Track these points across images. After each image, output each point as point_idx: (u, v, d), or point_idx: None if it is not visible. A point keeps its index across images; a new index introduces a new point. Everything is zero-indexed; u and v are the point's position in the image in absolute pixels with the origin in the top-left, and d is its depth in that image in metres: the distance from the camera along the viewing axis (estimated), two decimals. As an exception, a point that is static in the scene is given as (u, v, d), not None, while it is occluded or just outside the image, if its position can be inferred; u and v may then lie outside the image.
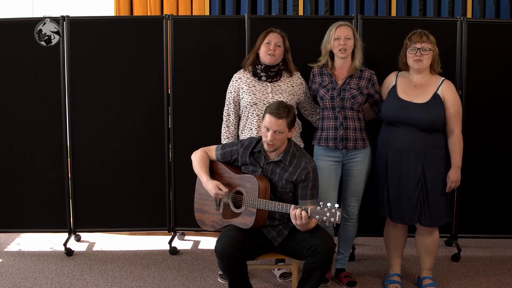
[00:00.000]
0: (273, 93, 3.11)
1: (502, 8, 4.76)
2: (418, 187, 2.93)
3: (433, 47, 2.94)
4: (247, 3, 4.88)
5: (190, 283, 3.21)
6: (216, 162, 2.89)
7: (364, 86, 3.06)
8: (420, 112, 2.89)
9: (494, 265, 3.51)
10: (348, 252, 3.26)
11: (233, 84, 3.20)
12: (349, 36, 3.01)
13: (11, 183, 3.71)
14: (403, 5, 4.80)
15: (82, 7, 5.00)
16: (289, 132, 2.73)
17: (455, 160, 2.95)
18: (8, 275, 3.32)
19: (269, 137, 2.66)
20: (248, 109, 3.13)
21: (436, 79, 2.99)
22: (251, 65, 3.16)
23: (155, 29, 3.59)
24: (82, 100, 3.63)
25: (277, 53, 3.09)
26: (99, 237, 4.03)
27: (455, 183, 2.97)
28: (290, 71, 3.17)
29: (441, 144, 2.95)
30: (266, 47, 3.09)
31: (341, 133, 3.01)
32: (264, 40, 3.11)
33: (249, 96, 3.11)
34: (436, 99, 2.91)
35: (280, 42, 3.11)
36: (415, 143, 2.91)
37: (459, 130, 2.96)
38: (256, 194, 2.65)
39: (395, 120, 2.96)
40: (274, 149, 2.71)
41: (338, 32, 3.01)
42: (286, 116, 2.68)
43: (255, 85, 3.14)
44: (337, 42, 3.01)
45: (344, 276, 3.19)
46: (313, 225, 2.62)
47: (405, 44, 3.00)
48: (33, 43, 3.57)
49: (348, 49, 3.01)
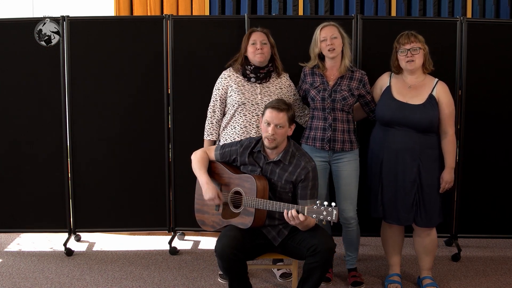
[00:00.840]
0: (262, 94, 3.11)
1: (502, 8, 4.76)
2: (413, 187, 2.94)
3: (422, 46, 2.94)
4: (247, 3, 4.88)
5: (190, 283, 3.21)
6: (215, 162, 2.89)
7: (355, 87, 3.05)
8: (417, 113, 2.89)
9: (494, 265, 3.51)
10: (355, 253, 3.23)
11: (221, 81, 3.20)
12: (335, 35, 3.01)
13: (11, 183, 3.71)
14: (403, 5, 4.80)
15: (82, 7, 5.00)
16: (289, 129, 2.73)
17: (449, 161, 2.96)
18: (8, 275, 3.32)
19: (270, 131, 2.66)
20: (235, 108, 3.13)
21: (430, 80, 2.99)
22: (240, 65, 3.15)
23: (155, 29, 3.59)
24: (82, 100, 3.64)
25: (265, 50, 3.10)
26: (99, 237, 4.03)
27: (448, 184, 2.97)
28: (277, 71, 3.17)
29: (435, 145, 2.96)
30: (253, 48, 3.10)
31: (329, 135, 3.01)
32: (249, 41, 3.12)
33: (237, 96, 3.11)
34: (431, 100, 2.92)
35: (265, 40, 3.12)
36: (411, 144, 2.92)
37: (453, 131, 2.96)
38: (254, 194, 2.65)
39: (391, 121, 2.96)
40: (275, 145, 2.70)
41: (323, 33, 3.02)
42: (286, 110, 2.69)
43: (244, 85, 3.14)
44: (324, 44, 3.02)
45: (352, 276, 3.19)
46: (312, 223, 2.62)
47: (394, 47, 3.01)
48: (33, 43, 3.57)
49: (336, 47, 3.01)
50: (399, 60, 2.98)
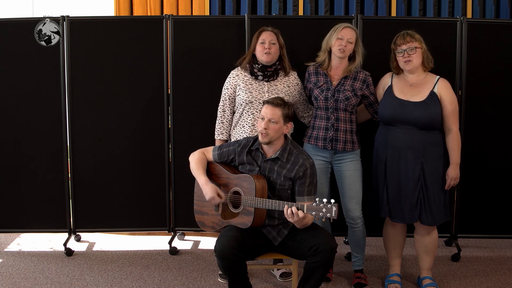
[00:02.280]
0: (270, 92, 3.12)
1: (502, 8, 4.76)
2: (417, 185, 2.93)
3: (419, 45, 2.93)
4: (247, 3, 4.88)
5: (190, 283, 3.21)
6: (213, 163, 2.89)
7: (358, 87, 3.06)
8: (418, 110, 2.89)
9: (494, 265, 3.51)
10: (361, 254, 3.21)
11: (230, 80, 3.21)
12: (352, 40, 3.01)
13: (11, 183, 3.71)
14: (403, 5, 4.80)
15: (82, 7, 5.00)
16: (285, 126, 2.72)
17: (453, 158, 2.95)
18: (8, 275, 3.32)
19: (263, 125, 2.66)
20: (243, 107, 3.14)
21: (431, 77, 2.99)
22: (248, 63, 3.17)
23: (155, 29, 3.59)
24: (82, 100, 3.64)
25: (273, 50, 3.11)
26: (99, 237, 4.03)
27: (454, 180, 2.97)
28: (285, 70, 3.18)
29: (439, 142, 2.95)
30: (261, 47, 3.11)
31: (331, 134, 3.02)
32: (258, 40, 3.13)
33: (245, 94, 3.12)
34: (433, 97, 2.92)
35: (274, 40, 3.13)
36: (413, 142, 2.92)
37: (457, 128, 2.96)
38: (253, 193, 2.65)
39: (393, 119, 2.96)
40: (268, 140, 2.69)
41: (343, 32, 3.01)
42: (282, 106, 2.69)
43: (252, 83, 3.15)
44: (338, 42, 3.01)
45: (356, 277, 3.18)
46: (310, 221, 2.62)
47: (392, 49, 3.01)
48: (33, 43, 3.57)
49: (346, 51, 3.02)
50: (398, 61, 2.99)
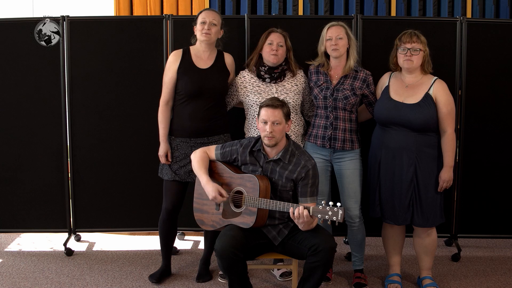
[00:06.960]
0: (278, 93, 3.12)
1: (502, 8, 4.76)
2: (410, 187, 2.94)
3: (423, 47, 2.94)
4: (247, 3, 4.88)
5: (190, 283, 3.21)
6: (216, 162, 2.89)
7: (358, 86, 3.06)
8: (411, 112, 2.89)
9: (494, 265, 3.51)
10: (360, 254, 3.22)
11: (236, 80, 3.23)
12: (341, 36, 3.02)
13: (11, 183, 3.71)
14: (403, 5, 4.80)
15: (82, 7, 5.00)
16: (286, 125, 2.73)
17: (447, 160, 2.95)
18: (8, 275, 3.32)
19: (268, 129, 2.67)
20: (254, 109, 3.14)
21: (428, 79, 2.99)
22: (255, 66, 3.17)
23: (155, 29, 3.59)
24: (82, 100, 3.63)
25: (280, 52, 3.11)
26: (99, 237, 4.03)
27: (447, 183, 2.97)
28: (292, 72, 3.18)
29: (434, 144, 2.95)
30: (269, 48, 3.11)
31: (329, 133, 3.03)
32: (266, 40, 3.13)
33: (254, 96, 3.13)
34: (427, 99, 2.91)
35: (282, 42, 3.13)
36: (407, 144, 2.92)
37: (452, 130, 2.94)
38: (257, 193, 2.65)
39: (387, 121, 2.96)
40: (275, 143, 2.70)
41: (329, 32, 3.04)
42: (281, 106, 2.71)
43: (260, 85, 3.16)
44: (329, 43, 3.04)
45: (356, 276, 3.18)
46: (315, 224, 2.63)
47: (395, 44, 3.01)
48: (33, 43, 3.57)
49: (340, 48, 3.02)
50: (398, 58, 2.99)
